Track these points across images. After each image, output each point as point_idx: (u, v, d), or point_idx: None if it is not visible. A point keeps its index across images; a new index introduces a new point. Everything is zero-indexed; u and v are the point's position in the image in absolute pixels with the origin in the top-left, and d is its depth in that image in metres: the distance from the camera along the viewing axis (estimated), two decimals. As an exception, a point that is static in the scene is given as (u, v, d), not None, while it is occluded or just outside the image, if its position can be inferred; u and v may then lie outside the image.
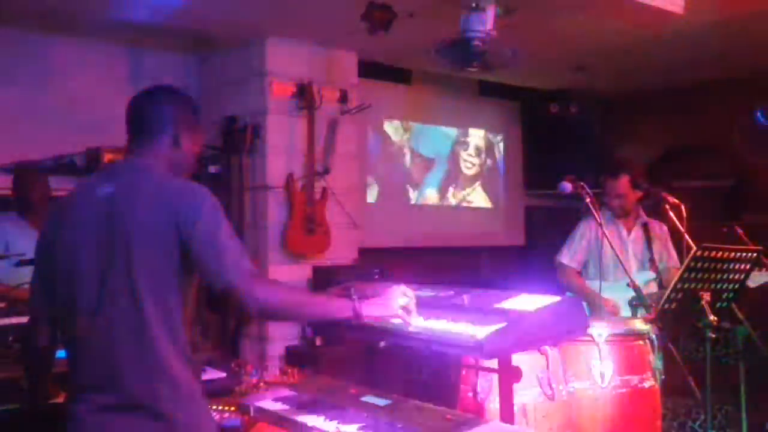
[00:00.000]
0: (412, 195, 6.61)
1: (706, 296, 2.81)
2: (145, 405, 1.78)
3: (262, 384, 2.61)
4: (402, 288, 2.08)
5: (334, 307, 1.98)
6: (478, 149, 7.14)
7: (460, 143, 6.98)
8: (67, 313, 1.88)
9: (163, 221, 1.79)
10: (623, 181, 3.84)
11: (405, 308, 2.05)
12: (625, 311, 3.48)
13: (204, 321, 4.73)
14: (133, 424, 1.78)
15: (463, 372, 2.81)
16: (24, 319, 2.82)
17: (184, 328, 1.85)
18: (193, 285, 1.88)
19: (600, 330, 2.82)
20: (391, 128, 6.45)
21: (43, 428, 2.29)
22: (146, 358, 1.79)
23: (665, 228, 3.91)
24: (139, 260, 1.78)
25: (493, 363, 2.33)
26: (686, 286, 2.81)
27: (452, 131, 6.92)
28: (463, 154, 7.00)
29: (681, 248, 3.57)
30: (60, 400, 2.34)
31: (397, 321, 2.07)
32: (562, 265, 3.98)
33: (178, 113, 1.98)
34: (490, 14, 4.01)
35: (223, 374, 2.69)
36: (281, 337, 5.00)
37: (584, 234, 3.94)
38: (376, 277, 4.78)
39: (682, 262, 3.16)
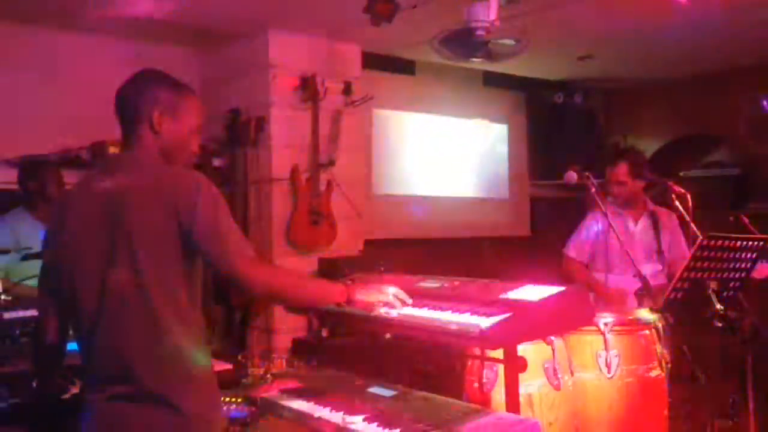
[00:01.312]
0: (416, 186, 6.59)
1: (713, 285, 2.80)
2: (157, 395, 1.79)
3: (268, 376, 2.62)
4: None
5: (330, 290, 2.09)
6: (482, 140, 7.12)
7: (465, 133, 6.96)
8: (74, 308, 1.89)
9: (162, 212, 1.79)
10: (622, 169, 3.82)
11: (396, 297, 2.16)
12: (632, 301, 3.48)
13: (210, 313, 4.73)
14: (144, 413, 1.80)
15: (469, 362, 2.82)
16: (30, 313, 2.84)
17: (195, 315, 1.87)
18: (200, 271, 1.89)
19: (606, 319, 2.82)
20: (395, 119, 6.44)
21: (52, 423, 2.31)
22: (157, 349, 1.80)
23: (675, 218, 3.83)
24: (142, 252, 1.79)
25: (499, 353, 2.33)
26: (692, 275, 2.81)
27: (456, 121, 6.90)
28: (468, 145, 6.98)
29: (687, 237, 3.56)
30: (68, 395, 2.35)
31: (383, 310, 2.15)
32: (569, 258, 3.95)
33: (151, 98, 1.92)
34: (494, 4, 3.98)
35: (230, 366, 2.70)
36: (288, 329, 5.00)
37: (591, 226, 3.91)
38: (382, 269, 4.77)
39: (689, 252, 3.15)
